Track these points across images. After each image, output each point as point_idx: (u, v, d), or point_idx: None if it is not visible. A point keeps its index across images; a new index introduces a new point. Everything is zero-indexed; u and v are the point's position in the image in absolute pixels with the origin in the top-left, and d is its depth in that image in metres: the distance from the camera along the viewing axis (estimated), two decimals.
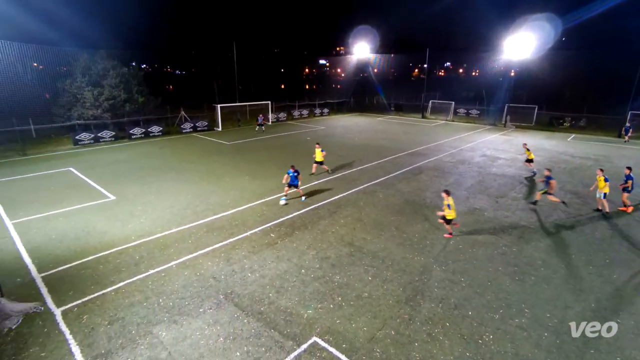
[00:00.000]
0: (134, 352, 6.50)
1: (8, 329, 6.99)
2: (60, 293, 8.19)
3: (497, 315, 7.60)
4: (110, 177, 17.30)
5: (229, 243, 10.67)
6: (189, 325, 7.18)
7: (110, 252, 10.05)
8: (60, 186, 15.80)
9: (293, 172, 13.76)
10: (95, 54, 29.95)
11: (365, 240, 10.98)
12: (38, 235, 11.11)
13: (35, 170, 18.54)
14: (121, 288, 8.39)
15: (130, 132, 27.84)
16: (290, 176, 13.72)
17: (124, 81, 30.50)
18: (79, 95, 28.30)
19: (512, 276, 9.12)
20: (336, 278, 8.89)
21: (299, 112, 42.48)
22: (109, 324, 7.20)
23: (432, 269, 9.41)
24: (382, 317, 7.49)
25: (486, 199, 14.79)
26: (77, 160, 20.76)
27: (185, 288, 8.41)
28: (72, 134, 25.55)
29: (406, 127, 36.15)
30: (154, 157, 21.92)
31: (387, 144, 26.11)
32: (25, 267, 9.30)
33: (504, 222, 12.48)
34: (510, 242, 11.03)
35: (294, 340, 6.79)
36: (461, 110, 43.84)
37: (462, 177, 17.74)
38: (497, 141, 28.19)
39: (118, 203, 13.85)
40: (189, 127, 31.44)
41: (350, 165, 19.80)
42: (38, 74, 28.37)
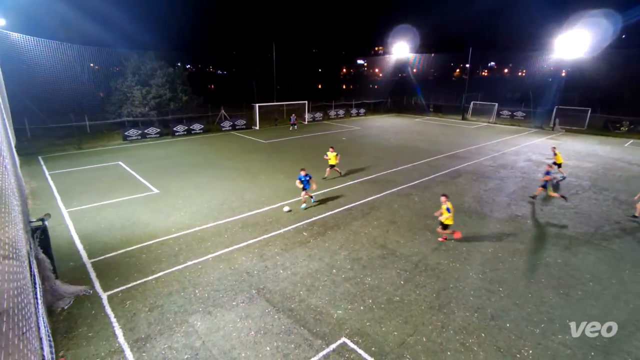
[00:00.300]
0: (171, 339, 6.82)
1: (61, 308, 7.60)
2: (107, 278, 8.77)
3: (537, 330, 7.18)
4: (155, 171, 18.27)
5: (262, 239, 10.90)
6: (222, 317, 7.42)
7: (152, 242, 10.62)
8: (110, 179, 16.90)
9: (304, 175, 13.05)
10: (145, 55, 31.70)
11: (399, 243, 10.79)
12: (89, 223, 11.96)
13: (88, 163, 19.97)
14: (161, 277, 8.84)
15: (174, 129, 29.23)
16: (303, 181, 13.01)
17: (170, 81, 32.03)
18: (129, 93, 30.10)
19: (556, 289, 8.57)
20: (367, 280, 8.82)
21: (335, 112, 42.49)
22: (149, 311, 7.61)
23: (468, 276, 9.06)
24: (414, 323, 7.33)
25: (529, 206, 14.01)
26: (126, 155, 22.10)
27: (219, 281, 8.70)
28: (122, 130, 27.27)
29: (445, 128, 35.07)
30: (194, 153, 22.86)
31: (425, 146, 25.47)
32: (77, 252, 10.05)
33: (549, 232, 11.76)
34: (555, 253, 10.37)
35: (323, 340, 6.82)
36: (505, 112, 41.79)
37: (503, 182, 16.93)
38: (543, 145, 26.60)
39: (161, 196, 14.59)
40: (228, 125, 32.46)
41: (385, 166, 19.52)
42: (94, 74, 30.55)
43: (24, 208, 9.60)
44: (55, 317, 7.38)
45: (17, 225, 5.96)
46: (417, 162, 20.49)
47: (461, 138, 29.41)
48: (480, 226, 12.09)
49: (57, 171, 18.16)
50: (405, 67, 56.42)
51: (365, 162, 20.49)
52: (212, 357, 6.37)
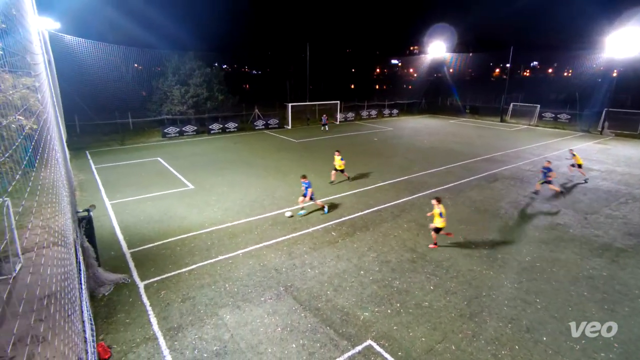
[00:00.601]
0: (201, 330, 7.06)
1: (102, 295, 8.08)
2: (144, 268, 9.22)
3: (577, 346, 6.76)
4: (190, 167, 18.97)
5: (291, 238, 11.02)
6: (250, 312, 7.58)
7: (186, 236, 11.04)
8: (149, 174, 17.75)
9: (305, 182, 12.70)
10: (185, 55, 32.98)
11: (429, 247, 10.53)
12: (130, 215, 12.63)
13: (130, 158, 21.07)
14: (194, 270, 9.17)
15: (210, 127, 30.25)
16: (305, 187, 12.60)
17: (207, 80, 33.10)
18: (169, 92, 31.45)
19: (599, 304, 8.03)
20: (395, 283, 8.68)
21: (368, 113, 42.15)
22: (182, 301, 7.92)
23: (503, 285, 8.69)
24: (443, 330, 7.13)
25: (572, 214, 13.20)
26: (164, 151, 23.12)
27: (249, 276, 8.90)
28: (161, 127, 28.59)
29: (482, 130, 33.80)
30: (228, 151, 23.51)
31: (459, 148, 24.68)
32: (118, 243, 10.64)
33: (594, 242, 11.03)
34: (599, 265, 9.71)
35: (348, 341, 6.79)
36: (547, 114, 39.54)
37: (543, 188, 16.06)
38: (590, 150, 24.96)
39: (196, 192, 15.13)
40: (261, 124, 33.10)
41: (418, 168, 19.11)
42: (137, 74, 32.20)
43: (72, 199, 10.29)
44: (96, 302, 7.85)
45: (66, 214, 6.40)
46: (451, 165, 19.90)
47: (499, 141, 28.24)
48: (517, 233, 11.55)
49: (102, 165, 19.32)
50: (441, 67, 54.93)
51: (397, 163, 20.18)
52: (239, 350, 6.53)
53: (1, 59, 4.91)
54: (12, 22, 5.72)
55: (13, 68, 5.68)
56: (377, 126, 35.81)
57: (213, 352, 6.48)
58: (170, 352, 6.50)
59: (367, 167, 19.09)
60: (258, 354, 6.46)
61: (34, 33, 9.85)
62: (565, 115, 38.43)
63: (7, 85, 5.53)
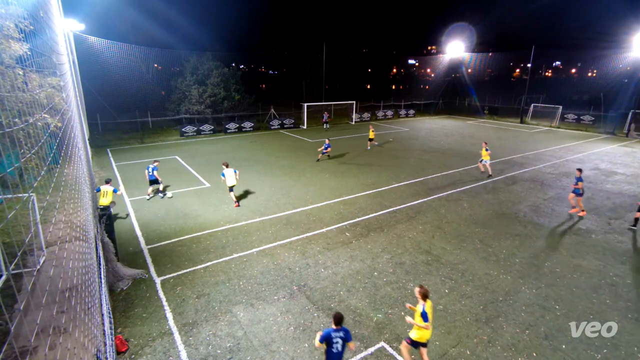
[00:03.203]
0: (215, 326, 7.15)
1: (120, 289, 8.29)
2: (160, 264, 9.41)
3: (599, 355, 6.54)
4: (207, 166, 19.25)
5: (305, 237, 11.05)
6: (263, 310, 7.64)
7: (202, 233, 11.21)
8: (167, 171, 18.10)
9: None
10: (203, 55, 33.50)
11: (445, 250, 10.38)
12: (148, 212, 12.91)
13: (149, 156, 21.53)
14: (209, 267, 9.30)
15: (226, 126, 30.63)
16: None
17: (224, 80, 33.53)
18: (187, 92, 32.00)
19: (622, 312, 7.74)
20: (410, 285, 8.59)
21: (384, 113, 41.83)
22: (197, 298, 8.04)
23: (520, 290, 8.48)
24: (457, 334, 7.01)
25: (595, 219, 12.78)
26: (182, 150, 23.54)
27: (263, 275, 8.96)
28: (179, 126, 29.15)
29: (501, 132, 33.08)
30: (244, 150, 23.75)
31: (477, 150, 24.18)
32: (136, 239, 10.90)
33: (617, 249, 10.64)
34: (623, 272, 9.37)
35: (361, 342, 6.76)
36: (570, 116, 38.36)
37: (565, 192, 15.58)
38: (614, 153, 24.11)
39: (212, 190, 15.34)
40: (277, 124, 33.30)
41: (434, 169, 18.86)
42: (157, 74, 32.92)
43: (93, 195, 10.59)
44: (115, 296, 8.06)
45: (87, 210, 6.59)
46: (468, 167, 19.55)
47: (518, 143, 27.58)
48: (536, 237, 11.26)
49: (122, 163, 19.82)
50: (459, 67, 54.04)
51: (412, 164, 19.97)
52: (252, 348, 6.59)
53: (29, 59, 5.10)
54: (40, 24, 5.92)
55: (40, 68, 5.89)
56: (393, 127, 35.51)
57: (226, 349, 6.56)
58: (185, 347, 6.61)
59: (382, 168, 18.96)
60: (270, 352, 6.51)
61: (59, 34, 10.19)
62: (589, 116, 37.18)
63: (34, 85, 5.74)
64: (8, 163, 3.27)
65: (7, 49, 5.49)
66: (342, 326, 5.30)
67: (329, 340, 5.20)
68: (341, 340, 5.24)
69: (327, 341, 5.21)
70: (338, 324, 5.26)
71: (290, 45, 72.39)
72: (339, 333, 5.24)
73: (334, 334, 5.22)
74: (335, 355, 5.25)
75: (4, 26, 5.45)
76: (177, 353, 6.47)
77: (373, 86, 68.10)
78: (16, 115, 4.43)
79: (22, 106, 4.38)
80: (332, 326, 5.27)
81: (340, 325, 5.28)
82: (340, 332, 5.26)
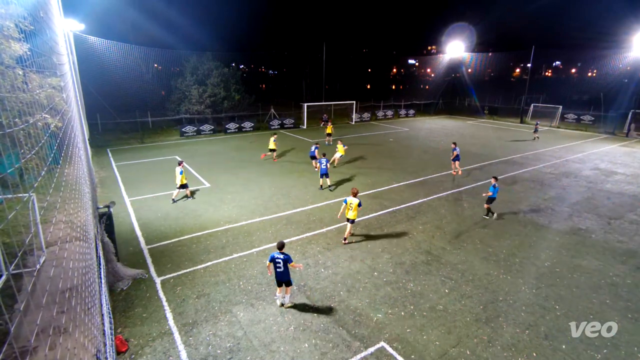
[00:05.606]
0: (215, 326, 7.16)
1: (120, 289, 8.29)
2: (160, 264, 9.41)
3: (599, 355, 6.54)
4: (207, 166, 19.25)
5: (305, 237, 11.05)
6: (263, 310, 7.64)
7: (202, 233, 11.21)
8: (167, 171, 18.09)
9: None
10: (203, 55, 33.47)
11: (445, 250, 10.38)
12: (148, 212, 12.91)
13: (149, 156, 21.54)
14: (209, 267, 9.30)
15: (226, 126, 30.62)
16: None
17: (224, 80, 33.50)
18: (187, 92, 31.99)
19: (622, 312, 7.75)
20: (410, 285, 8.59)
21: (383, 113, 41.82)
22: (197, 298, 8.04)
23: (520, 290, 8.49)
24: (457, 334, 7.01)
25: (595, 219, 12.78)
26: (182, 150, 23.53)
27: (262, 275, 8.96)
28: (179, 126, 29.15)
29: (501, 132, 33.08)
30: (244, 150, 23.74)
31: (477, 150, 24.23)
32: (136, 239, 10.90)
33: (617, 248, 10.65)
34: (623, 272, 9.37)
35: (361, 342, 6.76)
36: (570, 116, 38.33)
37: (565, 192, 15.60)
38: (614, 153, 24.11)
39: (212, 190, 15.34)
40: (277, 124, 33.29)
41: (434, 169, 18.86)
42: (157, 74, 32.92)
43: (93, 195, 10.59)
44: (115, 296, 8.06)
45: (87, 210, 6.58)
46: (468, 167, 19.56)
47: (518, 143, 27.59)
48: (536, 237, 11.26)
49: (122, 163, 19.82)
50: (459, 67, 54.04)
51: (412, 164, 19.97)
52: (252, 348, 6.59)
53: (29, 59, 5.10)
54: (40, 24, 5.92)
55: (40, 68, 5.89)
56: (393, 126, 35.52)
57: (226, 349, 6.56)
58: (185, 347, 6.61)
59: (383, 168, 18.96)
60: (270, 352, 6.51)
61: (60, 34, 10.18)
62: (589, 116, 37.20)
63: (34, 85, 5.74)
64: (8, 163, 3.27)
65: (7, 49, 5.49)
66: (284, 252, 7.31)
67: (272, 261, 7.31)
68: (282, 262, 7.22)
69: (272, 262, 7.31)
70: (280, 249, 7.35)
71: (290, 45, 72.38)
72: (280, 256, 7.24)
73: (276, 256, 7.26)
74: (279, 274, 7.36)
75: (4, 26, 5.46)
76: (177, 353, 6.47)
77: (373, 86, 68.12)
78: (16, 116, 4.43)
79: (23, 106, 4.39)
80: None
81: (281, 250, 7.34)
82: (281, 255, 7.24)
